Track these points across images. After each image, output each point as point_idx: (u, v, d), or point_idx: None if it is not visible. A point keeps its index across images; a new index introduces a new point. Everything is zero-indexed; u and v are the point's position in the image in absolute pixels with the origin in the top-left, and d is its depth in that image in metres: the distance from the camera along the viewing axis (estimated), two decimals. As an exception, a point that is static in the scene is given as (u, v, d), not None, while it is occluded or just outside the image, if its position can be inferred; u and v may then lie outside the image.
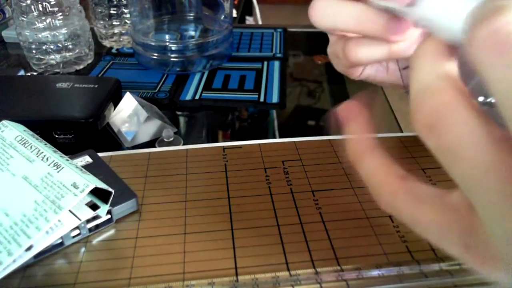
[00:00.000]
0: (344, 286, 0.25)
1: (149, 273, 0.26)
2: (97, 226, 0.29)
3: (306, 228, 0.30)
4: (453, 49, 0.16)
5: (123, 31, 0.61)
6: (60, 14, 0.52)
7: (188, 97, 0.49)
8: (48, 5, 0.51)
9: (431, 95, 0.15)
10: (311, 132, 0.46)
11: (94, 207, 0.28)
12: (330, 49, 0.28)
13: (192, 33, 0.59)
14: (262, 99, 0.49)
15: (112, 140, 0.41)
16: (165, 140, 0.40)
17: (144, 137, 0.41)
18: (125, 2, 0.59)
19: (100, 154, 0.36)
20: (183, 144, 0.40)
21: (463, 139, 0.14)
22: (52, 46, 0.52)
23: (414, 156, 0.36)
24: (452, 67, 0.15)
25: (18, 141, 0.31)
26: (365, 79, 0.29)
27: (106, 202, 0.29)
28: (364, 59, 0.25)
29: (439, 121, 0.14)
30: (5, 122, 0.33)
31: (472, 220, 0.15)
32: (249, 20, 1.31)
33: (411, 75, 0.16)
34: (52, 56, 0.53)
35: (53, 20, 0.51)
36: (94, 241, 0.29)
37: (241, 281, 0.26)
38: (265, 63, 0.57)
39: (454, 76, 0.15)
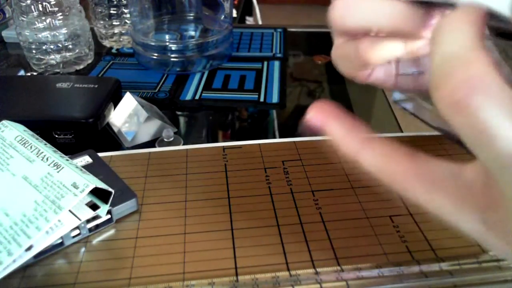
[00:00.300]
0: (344, 286, 0.25)
1: (149, 273, 0.26)
2: (97, 226, 0.29)
3: (306, 228, 0.30)
4: (484, 24, 0.14)
5: (123, 31, 0.61)
6: (60, 14, 0.52)
7: (188, 97, 0.49)
8: (48, 5, 0.51)
9: (462, 65, 0.13)
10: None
11: (94, 207, 0.28)
12: (337, 51, 0.27)
13: (192, 33, 0.59)
14: (262, 99, 0.49)
15: (112, 140, 0.41)
16: (165, 140, 0.40)
17: (144, 137, 0.41)
18: (125, 2, 0.59)
19: (100, 154, 0.36)
20: (183, 144, 0.40)
21: (500, 117, 0.13)
22: (52, 46, 0.52)
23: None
24: (483, 39, 0.14)
25: (18, 141, 0.31)
26: (373, 83, 0.29)
27: (106, 202, 0.29)
28: (380, 57, 0.24)
29: (471, 96, 0.13)
30: (5, 122, 0.33)
31: (489, 196, 0.15)
32: (249, 20, 1.31)
33: (435, 42, 0.15)
34: (52, 56, 0.53)
35: (53, 20, 0.51)
36: (94, 241, 0.29)
37: (241, 281, 0.26)
38: (265, 63, 0.57)
39: (486, 49, 0.14)
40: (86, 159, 0.34)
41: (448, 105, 0.14)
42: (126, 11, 0.60)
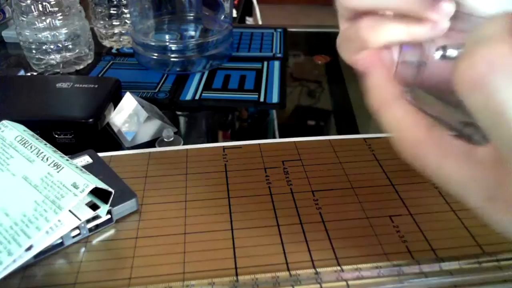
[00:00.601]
0: (344, 286, 0.25)
1: (149, 273, 0.26)
2: (97, 226, 0.29)
3: (306, 228, 0.30)
4: None
5: (123, 31, 0.61)
6: (60, 14, 0.52)
7: (188, 97, 0.49)
8: (48, 5, 0.51)
9: (487, 44, 0.14)
10: (311, 132, 0.46)
11: (94, 207, 0.28)
12: (341, 36, 0.27)
13: (192, 33, 0.59)
14: (262, 99, 0.49)
15: (112, 140, 0.41)
16: (165, 140, 0.40)
17: (144, 137, 0.41)
18: (125, 2, 0.59)
19: (100, 154, 0.36)
20: (183, 144, 0.40)
21: None
22: (52, 46, 0.52)
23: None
24: None
25: (18, 141, 0.31)
26: None
27: (106, 202, 0.29)
28: (380, 38, 0.24)
29: (489, 74, 0.13)
30: (5, 122, 0.33)
31: (498, 174, 0.16)
32: (249, 21, 1.31)
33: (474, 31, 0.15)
34: (52, 56, 0.53)
35: (53, 20, 0.51)
36: (94, 241, 0.29)
37: (241, 281, 0.26)
38: (265, 63, 0.57)
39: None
40: (86, 159, 0.34)
41: (466, 81, 0.14)
42: (126, 11, 0.60)
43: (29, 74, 0.53)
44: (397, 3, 0.22)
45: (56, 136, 0.39)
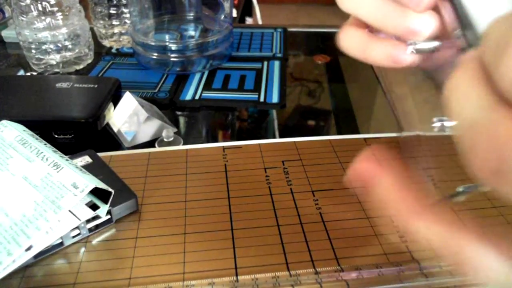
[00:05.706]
0: (344, 286, 0.25)
1: (149, 273, 0.26)
2: (97, 226, 0.29)
3: (306, 228, 0.30)
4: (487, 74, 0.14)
5: (123, 31, 0.61)
6: (60, 14, 0.52)
7: (188, 97, 0.49)
8: (48, 5, 0.51)
9: (490, 132, 0.13)
10: (311, 132, 0.46)
11: (94, 207, 0.28)
12: (345, 32, 0.25)
13: (192, 33, 0.59)
14: (262, 99, 0.49)
15: (112, 140, 0.41)
16: (165, 140, 0.40)
17: (144, 137, 0.41)
18: (125, 2, 0.59)
19: (100, 154, 0.36)
20: (183, 144, 0.40)
21: None
22: (51, 46, 0.52)
23: (414, 156, 0.36)
24: (495, 94, 0.13)
25: (17, 141, 0.31)
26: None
27: (106, 202, 0.29)
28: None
29: (507, 162, 0.12)
30: (4, 122, 0.33)
31: None
32: (249, 21, 1.31)
33: (451, 107, 0.14)
34: (52, 56, 0.53)
35: (52, 20, 0.51)
36: (94, 241, 0.29)
37: (241, 281, 0.26)
38: (265, 63, 0.57)
39: (504, 101, 0.13)
40: (86, 159, 0.34)
41: (486, 175, 0.13)
42: (126, 11, 0.60)
43: (28, 74, 0.53)
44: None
45: (56, 136, 0.38)
